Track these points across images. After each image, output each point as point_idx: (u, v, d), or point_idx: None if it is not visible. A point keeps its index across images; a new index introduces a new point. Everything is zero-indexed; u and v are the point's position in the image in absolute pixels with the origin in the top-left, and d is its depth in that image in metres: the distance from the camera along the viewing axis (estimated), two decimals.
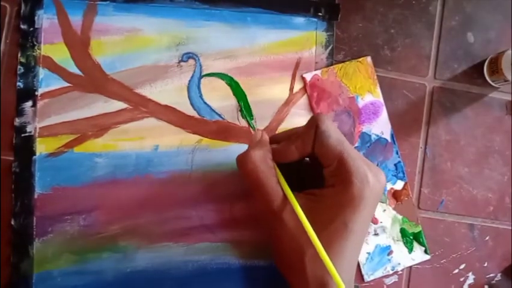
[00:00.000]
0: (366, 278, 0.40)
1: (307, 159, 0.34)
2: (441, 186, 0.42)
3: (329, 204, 0.30)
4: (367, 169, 0.30)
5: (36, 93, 0.36)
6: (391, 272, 0.40)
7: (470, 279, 0.42)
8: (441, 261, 0.42)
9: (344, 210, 0.29)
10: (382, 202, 0.40)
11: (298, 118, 0.39)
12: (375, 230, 0.40)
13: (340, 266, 0.29)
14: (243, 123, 0.39)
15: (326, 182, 0.31)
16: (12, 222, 0.35)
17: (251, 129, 0.38)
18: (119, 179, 0.37)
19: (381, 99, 0.41)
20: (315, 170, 0.33)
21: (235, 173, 0.38)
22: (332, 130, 0.30)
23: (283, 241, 0.31)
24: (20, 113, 0.36)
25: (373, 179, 0.30)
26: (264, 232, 0.38)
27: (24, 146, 0.35)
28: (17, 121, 0.36)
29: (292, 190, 0.31)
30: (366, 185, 0.29)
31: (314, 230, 0.29)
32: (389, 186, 0.41)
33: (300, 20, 0.40)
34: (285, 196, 0.31)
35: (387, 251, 0.40)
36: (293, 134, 0.32)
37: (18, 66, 0.36)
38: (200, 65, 0.38)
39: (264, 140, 0.33)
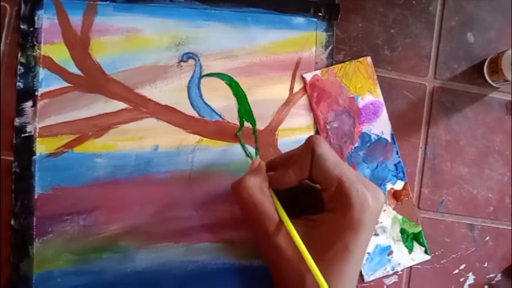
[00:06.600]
0: (366, 278, 0.40)
1: (308, 182, 0.33)
2: (441, 186, 0.42)
3: (328, 229, 0.30)
4: (366, 191, 0.29)
5: (36, 93, 0.36)
6: (391, 272, 0.40)
7: (470, 279, 0.42)
8: (442, 262, 0.42)
9: (344, 234, 0.29)
10: None
11: (298, 118, 0.39)
12: (375, 230, 0.40)
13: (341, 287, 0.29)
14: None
15: (325, 206, 0.31)
16: (12, 222, 0.35)
17: (248, 158, 0.38)
18: (119, 179, 0.37)
19: (381, 99, 0.41)
20: (313, 194, 0.32)
21: (235, 173, 0.38)
22: (329, 153, 0.30)
23: (282, 268, 0.30)
24: (20, 113, 0.36)
25: (372, 200, 0.29)
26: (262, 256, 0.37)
27: (24, 146, 0.36)
28: (17, 121, 0.36)
29: (291, 216, 0.30)
30: (366, 208, 0.29)
31: (314, 255, 0.28)
32: (389, 186, 0.41)
33: (300, 20, 0.40)
34: (281, 222, 0.30)
35: (387, 251, 0.40)
36: (289, 159, 0.32)
37: (18, 66, 0.36)
38: (200, 65, 0.38)
39: (260, 168, 0.33)
